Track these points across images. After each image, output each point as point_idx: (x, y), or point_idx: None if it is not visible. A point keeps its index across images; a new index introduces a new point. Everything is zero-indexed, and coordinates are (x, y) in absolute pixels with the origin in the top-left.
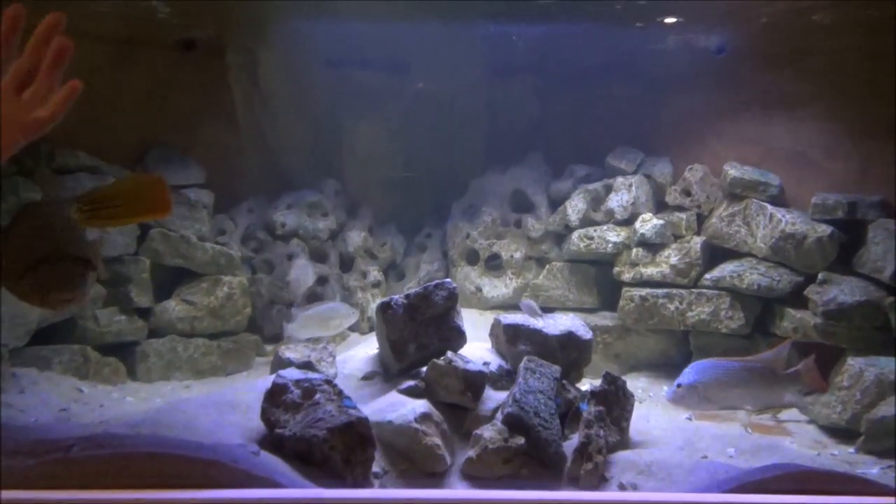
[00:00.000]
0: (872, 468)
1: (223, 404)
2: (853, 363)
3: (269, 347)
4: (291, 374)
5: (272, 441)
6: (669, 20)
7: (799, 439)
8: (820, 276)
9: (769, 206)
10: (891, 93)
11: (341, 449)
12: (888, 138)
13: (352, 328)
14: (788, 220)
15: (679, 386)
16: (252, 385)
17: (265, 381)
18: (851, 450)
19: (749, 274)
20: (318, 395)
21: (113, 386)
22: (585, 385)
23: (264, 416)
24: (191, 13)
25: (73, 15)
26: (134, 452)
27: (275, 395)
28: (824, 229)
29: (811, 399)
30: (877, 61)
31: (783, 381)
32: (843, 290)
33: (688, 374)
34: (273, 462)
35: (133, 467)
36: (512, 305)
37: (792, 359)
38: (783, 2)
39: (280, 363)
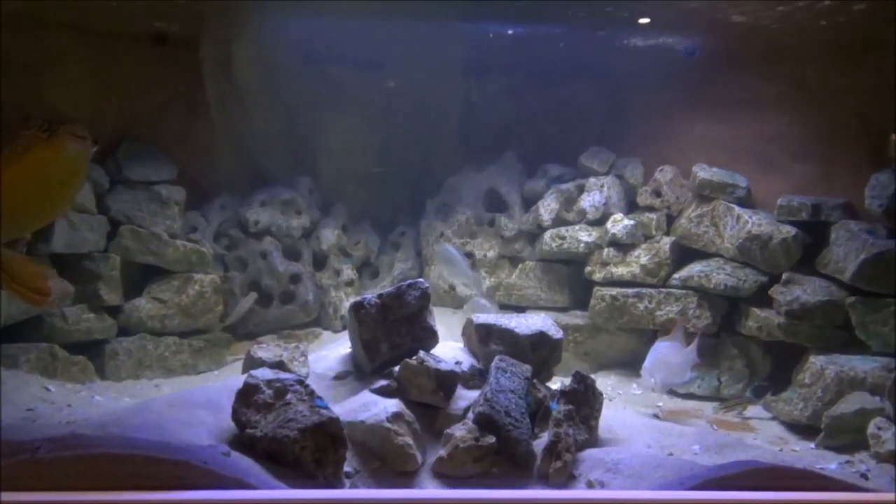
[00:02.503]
0: (831, 463)
1: (193, 404)
2: (815, 361)
3: (240, 345)
4: (263, 373)
5: (243, 441)
6: (642, 21)
7: (762, 435)
8: (784, 276)
9: (736, 208)
10: (854, 97)
11: (313, 449)
12: (852, 142)
13: (325, 326)
14: (755, 222)
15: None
16: (223, 385)
17: (237, 380)
18: (812, 445)
19: (716, 274)
20: (289, 395)
21: (81, 385)
22: (556, 384)
23: (235, 416)
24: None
25: (44, 5)
26: (101, 453)
27: (246, 395)
28: (789, 230)
29: (773, 397)
30: (841, 66)
31: (686, 357)
32: (806, 290)
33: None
34: (244, 463)
35: (100, 469)
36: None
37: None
38: (752, 7)
39: (252, 362)
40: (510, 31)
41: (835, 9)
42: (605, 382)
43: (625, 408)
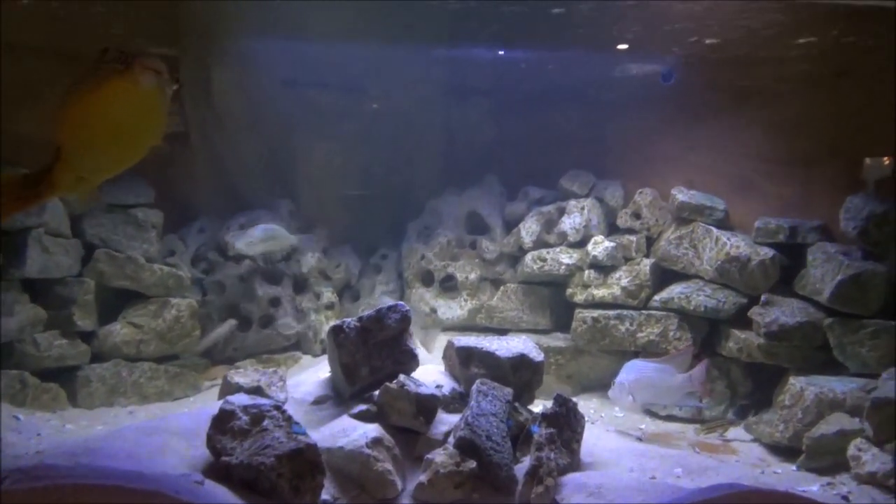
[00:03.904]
0: (813, 485)
1: (167, 431)
2: (794, 383)
3: (219, 370)
4: (240, 399)
5: (218, 469)
6: (621, 47)
7: (744, 457)
8: (763, 297)
9: (715, 230)
10: (829, 122)
11: (290, 476)
12: (827, 165)
13: (305, 351)
14: (733, 244)
15: (614, 383)
16: (199, 411)
17: (212, 406)
18: (793, 467)
19: (696, 295)
20: (266, 422)
21: (52, 413)
22: (538, 407)
23: (210, 443)
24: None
25: (18, 27)
26: (70, 484)
27: (222, 422)
28: (766, 252)
29: (755, 418)
30: (816, 92)
31: (682, 383)
32: (785, 312)
33: (620, 373)
34: (218, 492)
35: (69, 500)
36: (467, 327)
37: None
38: (730, 33)
39: (229, 388)
40: (491, 56)
41: (811, 37)
42: (587, 405)
43: (607, 430)
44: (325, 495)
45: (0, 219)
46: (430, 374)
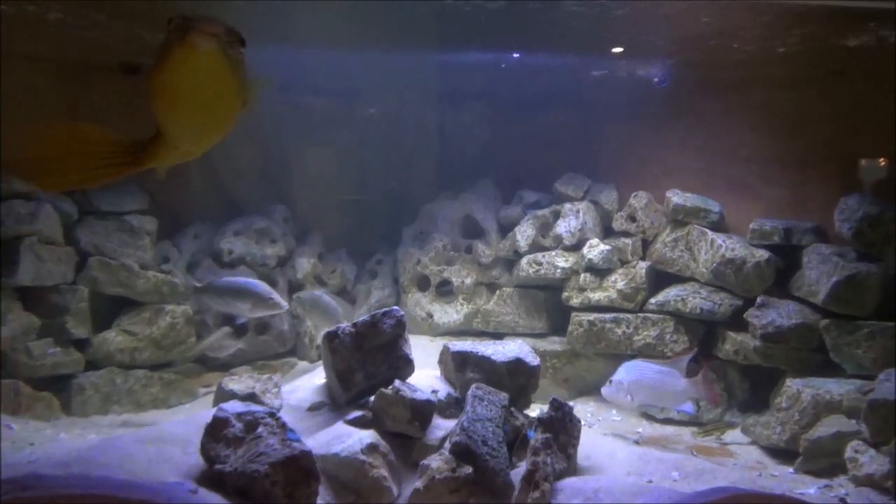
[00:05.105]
0: (810, 488)
1: (161, 439)
2: (791, 385)
3: (214, 377)
4: (233, 406)
5: (212, 477)
6: (615, 50)
7: (741, 460)
8: (758, 299)
9: (710, 232)
10: (824, 124)
11: (284, 484)
12: (822, 167)
13: (300, 357)
14: (728, 246)
15: (611, 381)
16: (192, 419)
17: (208, 413)
18: (791, 469)
19: (692, 298)
20: (260, 429)
21: (46, 422)
22: (534, 411)
23: (204, 451)
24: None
25: (16, 36)
26: (61, 494)
27: (215, 429)
28: (762, 254)
29: (752, 420)
30: (811, 93)
31: (686, 387)
32: (781, 314)
33: (618, 372)
34: (212, 500)
35: None
36: (463, 332)
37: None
38: (723, 34)
39: (223, 395)
40: (485, 60)
41: (804, 38)
42: (584, 409)
43: (604, 434)
44: (320, 502)
45: (100, 180)
46: (426, 379)
